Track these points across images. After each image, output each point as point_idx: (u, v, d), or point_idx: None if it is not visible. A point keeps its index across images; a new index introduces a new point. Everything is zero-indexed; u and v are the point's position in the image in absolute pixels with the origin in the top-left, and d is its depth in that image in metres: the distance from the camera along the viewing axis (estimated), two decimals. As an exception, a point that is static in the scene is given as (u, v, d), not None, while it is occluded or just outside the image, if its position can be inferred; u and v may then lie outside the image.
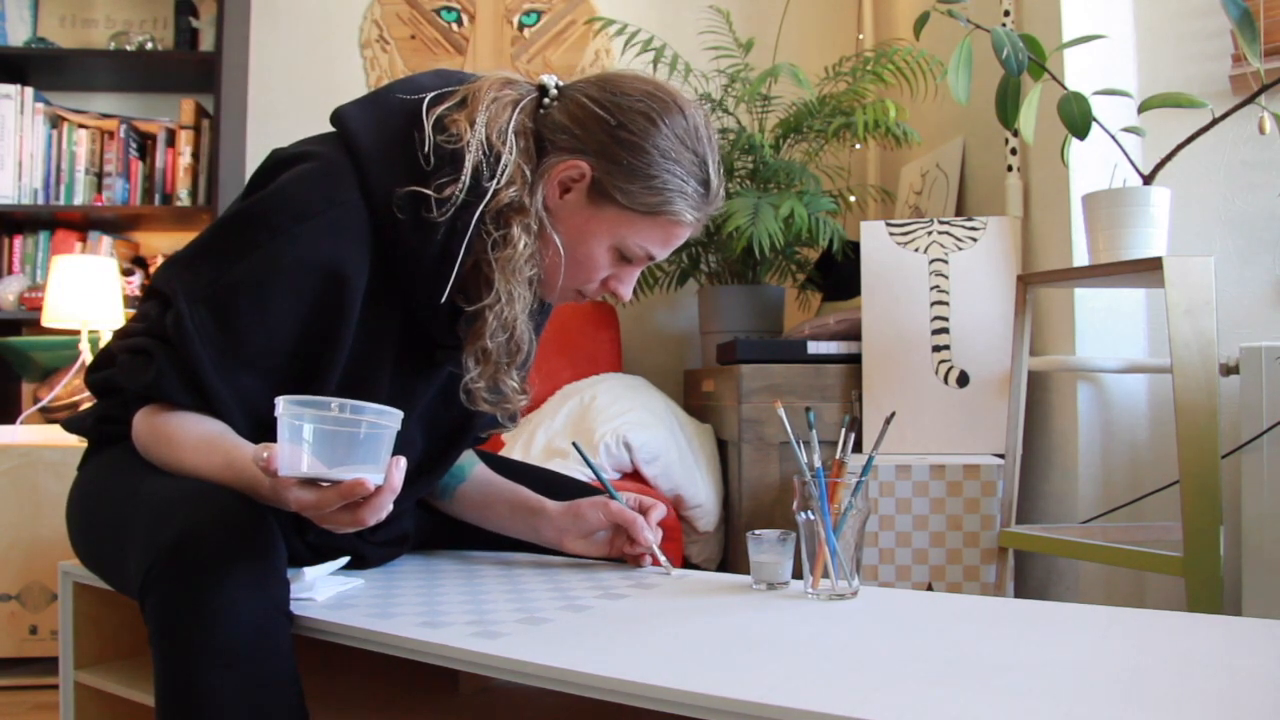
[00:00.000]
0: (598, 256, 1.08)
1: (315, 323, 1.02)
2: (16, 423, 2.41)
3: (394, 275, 1.05)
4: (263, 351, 1.02)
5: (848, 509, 1.02)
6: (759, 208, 2.17)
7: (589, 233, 1.07)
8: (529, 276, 1.06)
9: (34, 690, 1.95)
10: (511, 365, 1.09)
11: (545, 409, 2.33)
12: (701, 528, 2.20)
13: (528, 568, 1.20)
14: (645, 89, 1.07)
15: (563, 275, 1.09)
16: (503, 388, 1.09)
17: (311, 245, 0.99)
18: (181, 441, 1.02)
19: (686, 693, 0.71)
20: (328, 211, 1.00)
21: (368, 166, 1.02)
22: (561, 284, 1.10)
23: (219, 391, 1.01)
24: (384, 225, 1.02)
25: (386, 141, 1.04)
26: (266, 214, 1.01)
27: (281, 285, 1.00)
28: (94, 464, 1.16)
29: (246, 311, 1.00)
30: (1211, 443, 1.47)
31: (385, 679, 1.21)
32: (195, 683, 0.86)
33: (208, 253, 1.04)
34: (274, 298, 1.00)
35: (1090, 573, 1.90)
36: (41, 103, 2.82)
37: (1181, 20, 1.97)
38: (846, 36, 3.01)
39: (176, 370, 1.01)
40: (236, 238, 1.02)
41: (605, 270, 1.10)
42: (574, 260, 1.08)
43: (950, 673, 0.76)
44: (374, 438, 0.87)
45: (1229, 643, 0.85)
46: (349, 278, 1.01)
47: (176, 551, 0.88)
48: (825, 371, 2.16)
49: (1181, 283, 1.51)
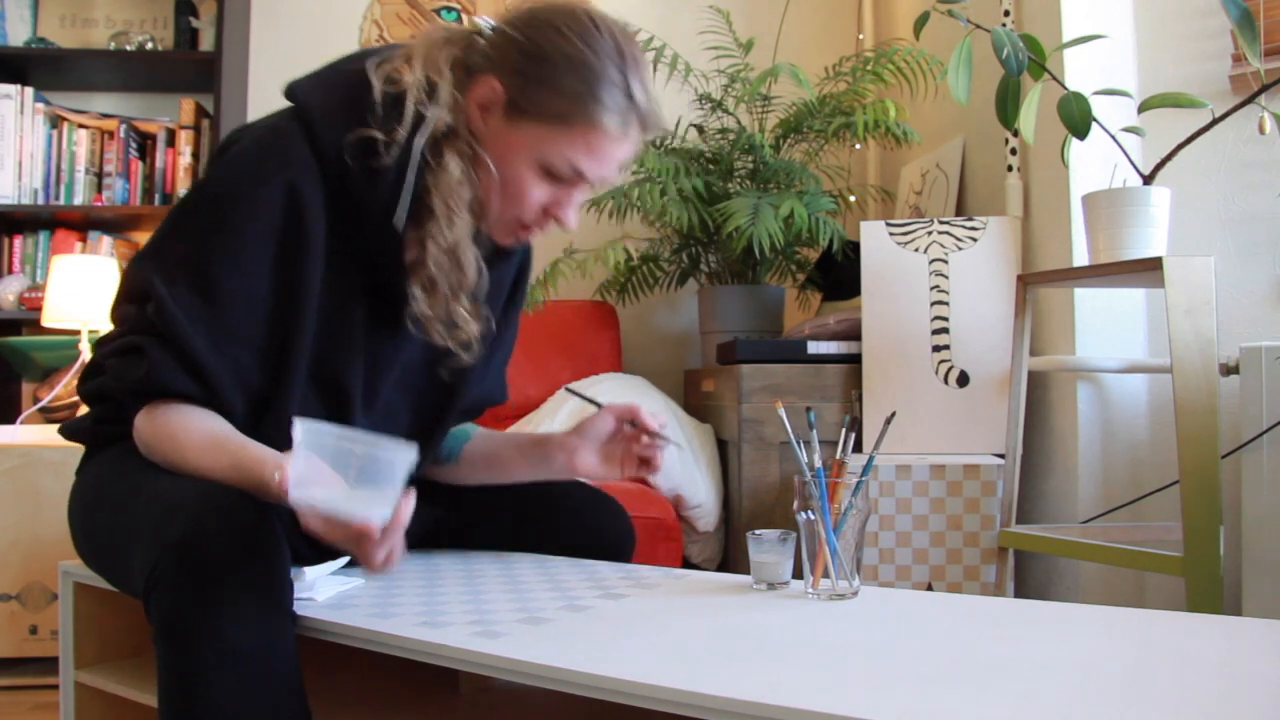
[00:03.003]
0: (525, 176, 1.08)
1: (285, 275, 1.05)
2: (16, 423, 2.41)
3: (352, 236, 1.08)
4: (246, 318, 1.04)
5: (848, 509, 1.02)
6: (759, 208, 2.17)
7: (512, 152, 1.08)
8: (466, 200, 1.08)
9: (34, 690, 1.94)
10: (460, 291, 1.11)
11: (545, 409, 2.33)
12: (701, 528, 2.20)
13: (528, 568, 1.20)
14: (564, 10, 1.09)
15: (497, 200, 1.10)
16: (455, 317, 1.11)
17: (271, 205, 1.03)
18: (186, 441, 1.03)
19: (686, 693, 0.71)
20: (283, 171, 1.04)
21: (317, 127, 1.06)
22: (499, 211, 1.11)
23: (215, 368, 1.03)
24: (337, 179, 1.05)
25: (335, 100, 1.08)
26: (225, 185, 1.05)
27: (250, 248, 1.03)
28: (94, 465, 1.16)
29: (224, 280, 1.03)
30: (1211, 443, 1.47)
31: (385, 679, 1.21)
32: (198, 682, 0.86)
33: (174, 236, 1.07)
34: (245, 261, 1.03)
35: (1090, 573, 1.90)
36: (41, 103, 2.82)
37: (1181, 20, 1.97)
38: (846, 36, 3.01)
39: (169, 357, 1.02)
40: (200, 215, 1.05)
41: (539, 192, 1.09)
42: (505, 183, 1.09)
43: (950, 673, 0.76)
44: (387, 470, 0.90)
45: (1229, 643, 0.85)
46: (308, 226, 1.04)
47: (180, 551, 0.88)
48: (825, 371, 2.16)
49: (1181, 283, 1.51)
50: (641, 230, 2.69)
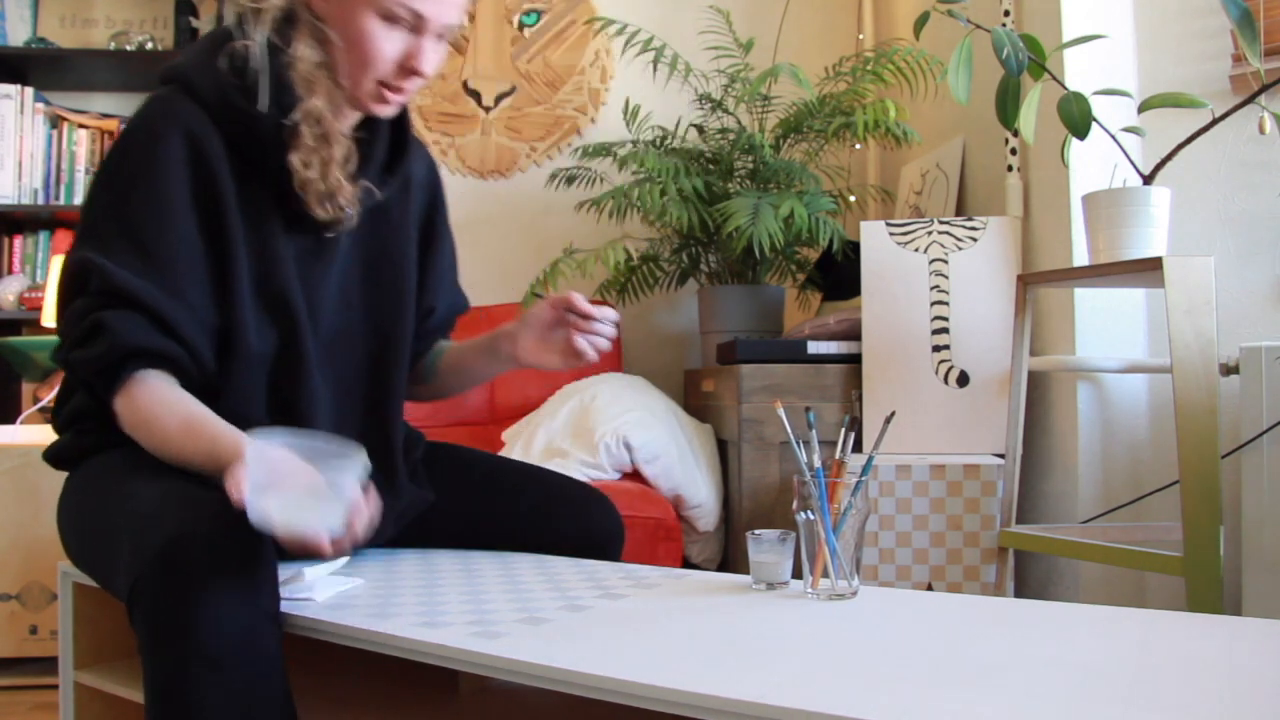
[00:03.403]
0: (368, 31, 1.12)
1: (207, 211, 1.10)
2: (16, 423, 2.41)
3: (257, 158, 1.13)
4: (186, 261, 1.09)
5: (847, 509, 1.02)
6: (759, 208, 2.17)
7: (350, 12, 1.12)
8: (321, 73, 1.13)
9: (34, 690, 1.95)
10: (330, 163, 1.14)
11: (545, 409, 2.33)
12: (701, 528, 2.20)
13: (528, 568, 1.20)
14: None
15: (353, 66, 1.13)
16: (330, 187, 1.15)
17: (175, 155, 1.09)
18: (165, 426, 1.06)
19: (686, 693, 0.71)
20: (175, 123, 1.10)
21: (192, 76, 1.13)
22: (357, 76, 1.15)
23: (174, 314, 1.06)
24: (223, 111, 1.11)
25: (200, 50, 1.15)
26: (128, 154, 1.11)
27: (169, 197, 1.08)
28: (78, 475, 1.17)
29: (154, 233, 1.08)
30: (1211, 443, 1.46)
31: (385, 679, 1.21)
32: (183, 690, 0.86)
33: (97, 214, 1.11)
34: (168, 211, 1.08)
35: (1090, 573, 1.90)
36: (41, 103, 2.82)
37: (1181, 20, 1.97)
38: (846, 36, 3.01)
39: (129, 317, 1.05)
40: (114, 187, 1.11)
41: (387, 46, 1.13)
42: (352, 46, 1.13)
43: (950, 673, 0.76)
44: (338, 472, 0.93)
45: (1229, 643, 0.85)
46: (213, 163, 1.10)
47: (162, 561, 0.88)
48: (825, 371, 2.16)
49: (1181, 283, 1.51)
50: (641, 230, 2.70)
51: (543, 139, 2.96)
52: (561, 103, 2.97)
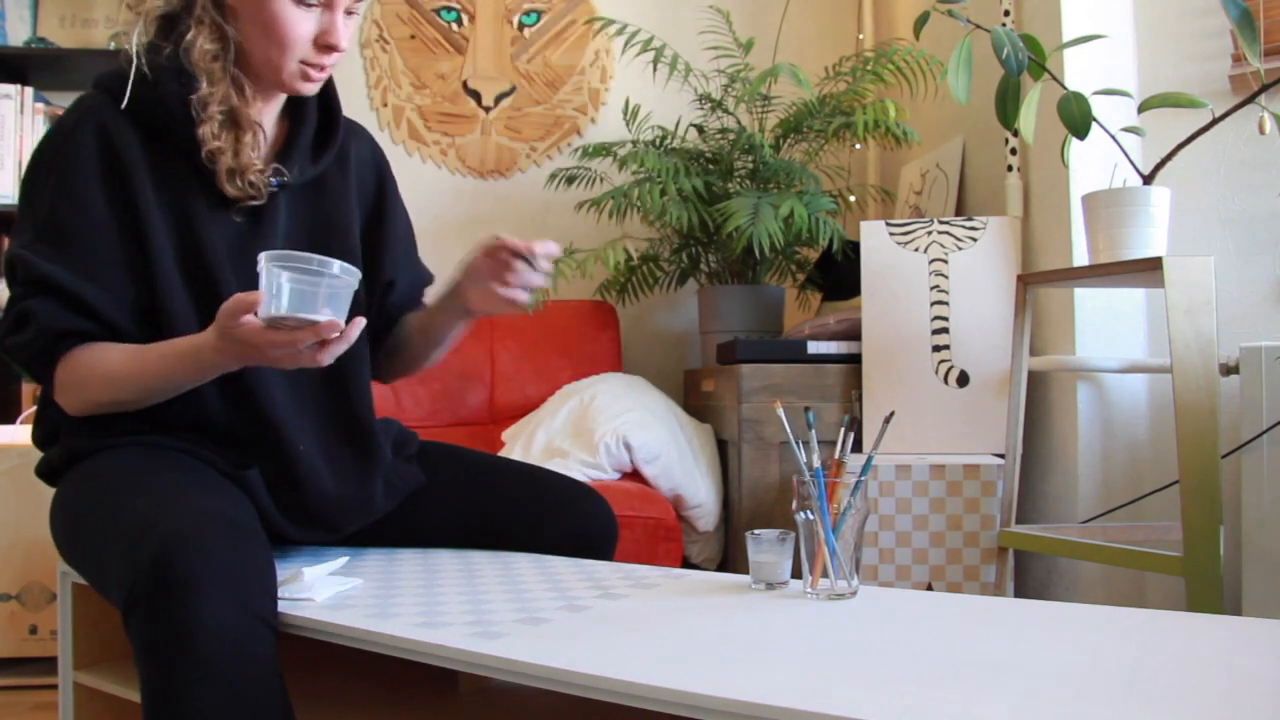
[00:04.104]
0: (278, 14, 1.14)
1: (119, 196, 1.14)
2: (16, 423, 2.41)
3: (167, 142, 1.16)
4: (101, 244, 1.12)
5: (847, 509, 1.02)
6: (759, 208, 2.17)
7: None
8: (219, 63, 1.16)
9: (34, 690, 1.94)
10: (241, 146, 1.18)
11: (545, 409, 2.33)
12: (701, 528, 2.20)
13: (527, 568, 1.19)
14: None
15: (270, 49, 1.16)
16: (241, 167, 1.17)
17: (85, 143, 1.14)
18: (113, 367, 1.10)
19: (686, 693, 0.71)
20: (85, 115, 1.15)
21: (106, 77, 1.18)
22: (276, 59, 1.16)
23: (92, 297, 1.10)
24: (133, 102, 1.15)
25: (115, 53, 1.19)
26: (45, 149, 1.16)
27: (81, 184, 1.13)
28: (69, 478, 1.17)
29: (69, 220, 1.12)
30: (1211, 443, 1.46)
31: (385, 679, 1.21)
32: (179, 698, 0.86)
33: (22, 212, 1.17)
34: (80, 197, 1.13)
35: (1090, 573, 1.90)
36: (41, 103, 2.81)
37: (1181, 20, 1.97)
38: (846, 36, 3.01)
39: (50, 303, 1.10)
40: (33, 183, 1.16)
41: (300, 27, 1.16)
42: (266, 30, 1.15)
43: (950, 673, 0.76)
44: (337, 289, 0.99)
45: (1229, 643, 0.85)
46: (122, 149, 1.14)
47: (155, 570, 0.88)
48: (825, 371, 2.16)
49: (1181, 283, 1.51)
50: (641, 230, 2.70)
51: (543, 139, 2.96)
52: (561, 103, 2.97)
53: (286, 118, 1.28)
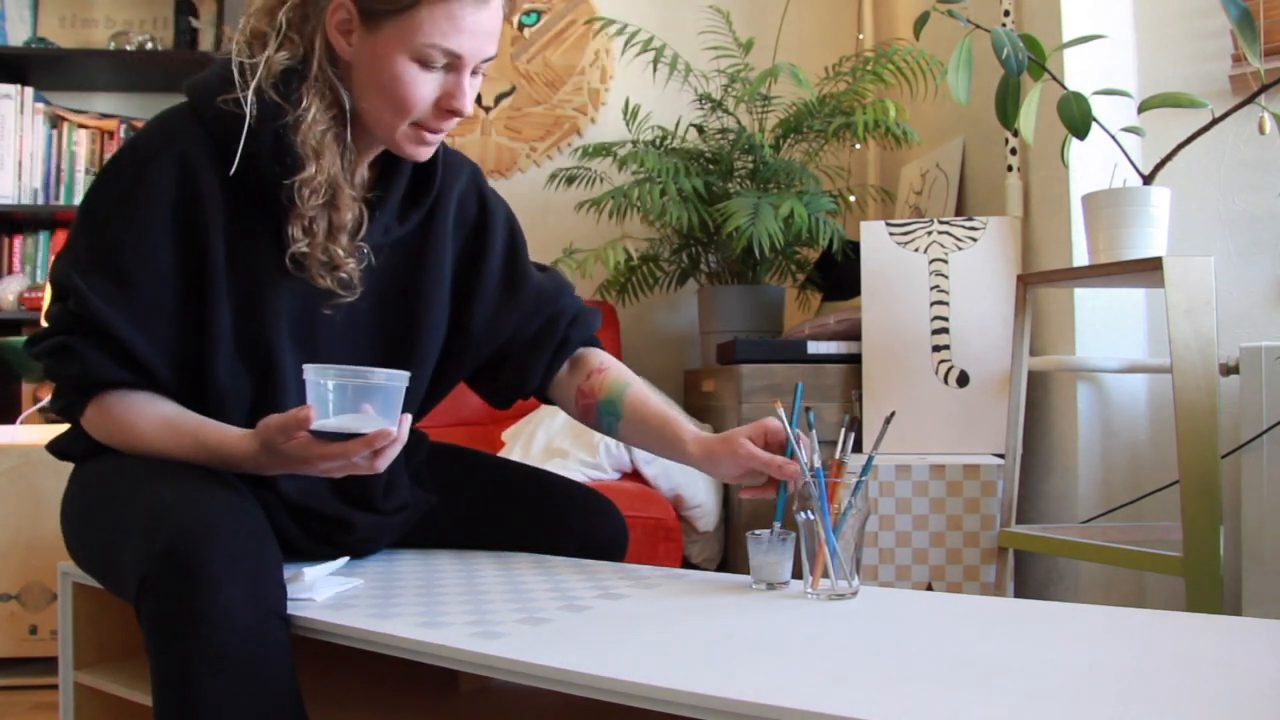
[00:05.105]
0: (402, 77, 1.06)
1: (190, 244, 1.08)
2: (16, 423, 2.41)
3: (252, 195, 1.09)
4: (160, 293, 1.07)
5: (847, 509, 1.02)
6: (759, 208, 2.17)
7: (382, 59, 1.07)
8: (329, 137, 1.09)
9: (34, 690, 1.94)
10: (338, 232, 1.11)
11: (545, 409, 2.33)
12: (701, 528, 2.20)
13: (528, 568, 1.19)
14: None
15: (388, 112, 1.09)
16: (333, 257, 1.11)
17: (165, 179, 1.06)
18: (142, 429, 1.08)
19: (686, 693, 0.71)
20: (170, 145, 1.07)
21: (197, 100, 1.09)
22: (392, 122, 1.09)
23: (142, 349, 1.06)
24: (224, 144, 1.07)
25: (212, 75, 1.10)
26: (121, 171, 1.09)
27: (152, 225, 1.06)
28: (82, 472, 1.17)
29: (133, 261, 1.06)
30: (1211, 443, 1.46)
31: (385, 679, 1.21)
32: (191, 688, 0.86)
33: (82, 230, 1.10)
34: (150, 238, 1.06)
35: (1090, 573, 1.90)
36: (41, 103, 2.82)
37: (1181, 20, 1.97)
38: (846, 36, 3.01)
39: (99, 349, 1.06)
40: (101, 205, 1.09)
41: (423, 89, 1.07)
42: (387, 92, 1.07)
43: (950, 673, 0.76)
44: (388, 394, 0.98)
45: (1229, 643, 0.85)
46: (203, 192, 1.07)
47: (170, 558, 0.88)
48: (825, 371, 2.15)
49: (1181, 283, 1.51)
50: (641, 230, 2.70)
51: (543, 139, 2.96)
52: (561, 103, 2.97)
53: (377, 165, 1.20)
